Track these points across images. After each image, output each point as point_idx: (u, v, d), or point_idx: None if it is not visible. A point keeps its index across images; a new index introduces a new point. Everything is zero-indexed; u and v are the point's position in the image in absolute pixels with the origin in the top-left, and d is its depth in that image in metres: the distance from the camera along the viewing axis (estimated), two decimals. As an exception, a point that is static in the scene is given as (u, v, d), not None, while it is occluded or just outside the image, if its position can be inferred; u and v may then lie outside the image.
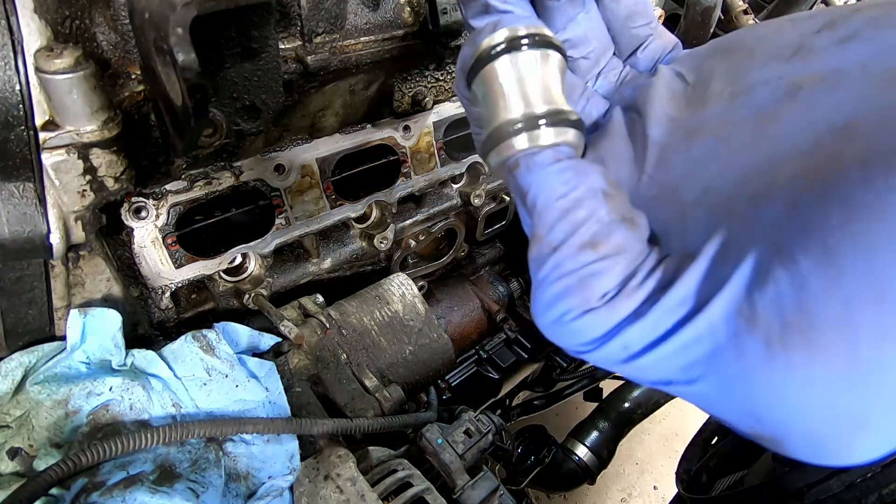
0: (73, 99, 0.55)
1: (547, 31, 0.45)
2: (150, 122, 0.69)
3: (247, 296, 0.93)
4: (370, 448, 0.77)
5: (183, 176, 0.82)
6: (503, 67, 0.44)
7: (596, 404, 1.40)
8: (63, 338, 0.71)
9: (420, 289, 1.17)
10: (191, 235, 0.86)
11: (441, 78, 1.03)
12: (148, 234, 0.81)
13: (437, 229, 1.26)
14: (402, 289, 0.95)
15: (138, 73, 0.64)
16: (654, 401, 1.32)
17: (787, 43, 0.42)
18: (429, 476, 0.77)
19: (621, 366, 0.39)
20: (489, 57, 0.44)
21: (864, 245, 0.30)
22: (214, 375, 0.72)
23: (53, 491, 0.59)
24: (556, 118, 0.43)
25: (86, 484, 0.61)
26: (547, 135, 0.43)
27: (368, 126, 1.01)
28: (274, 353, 0.83)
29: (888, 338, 0.30)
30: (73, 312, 0.69)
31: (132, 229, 0.79)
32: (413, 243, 1.21)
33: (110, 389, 0.68)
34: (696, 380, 0.37)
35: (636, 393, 1.32)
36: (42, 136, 0.57)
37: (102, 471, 0.62)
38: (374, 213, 1.08)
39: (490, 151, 0.45)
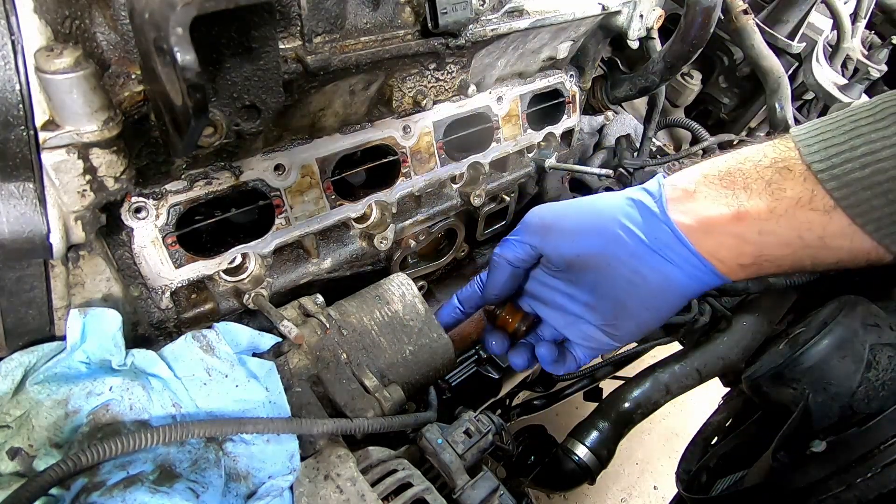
0: (73, 99, 0.55)
1: None
2: (150, 122, 0.69)
3: (247, 296, 0.93)
4: (370, 448, 0.77)
5: (183, 176, 0.82)
6: None
7: (596, 404, 1.39)
8: (63, 338, 0.71)
9: (420, 289, 1.17)
10: (191, 235, 0.86)
11: (441, 78, 1.03)
12: (148, 234, 0.81)
13: (437, 229, 1.26)
14: (402, 289, 0.95)
15: (138, 73, 0.64)
16: (654, 401, 1.32)
17: None
18: (429, 476, 0.77)
19: None
20: None
21: None
22: (214, 375, 0.72)
23: (53, 491, 0.59)
24: None
25: (86, 484, 0.61)
26: None
27: (368, 126, 1.01)
28: (274, 353, 0.83)
29: None
30: (73, 312, 0.69)
31: (132, 229, 0.80)
32: (413, 243, 1.21)
33: (110, 389, 0.68)
34: None
35: (636, 393, 1.32)
36: (42, 136, 0.57)
37: (102, 471, 0.62)
38: (374, 213, 1.08)
39: None
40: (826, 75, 1.68)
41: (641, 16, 1.25)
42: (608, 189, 1.68)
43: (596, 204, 0.76)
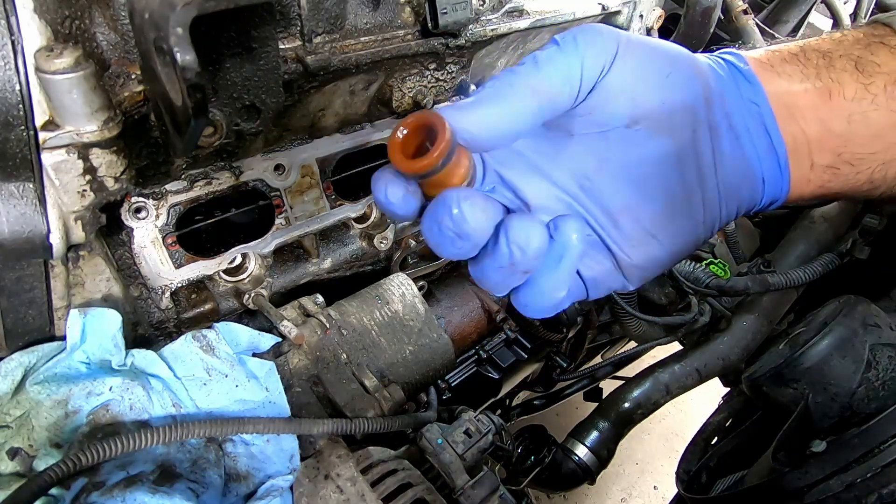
0: (73, 99, 0.55)
1: None
2: (150, 122, 0.69)
3: (247, 296, 0.93)
4: (370, 448, 0.77)
5: (183, 176, 0.82)
6: None
7: (596, 404, 1.39)
8: (63, 338, 0.71)
9: (420, 289, 1.17)
10: (191, 235, 0.86)
11: (441, 78, 1.03)
12: (148, 234, 0.81)
13: (437, 229, 1.25)
14: (402, 289, 0.95)
15: (138, 73, 0.64)
16: (654, 401, 1.32)
17: None
18: (429, 476, 0.77)
19: None
20: None
21: None
22: (214, 375, 0.72)
23: (53, 491, 0.59)
24: None
25: (86, 484, 0.61)
26: None
27: (368, 126, 1.01)
28: (274, 353, 0.83)
29: None
30: (73, 312, 0.69)
31: (132, 229, 0.80)
32: (413, 243, 1.21)
33: (110, 389, 0.68)
34: None
35: (636, 393, 1.32)
36: (42, 136, 0.57)
37: (102, 471, 0.62)
38: (374, 213, 1.08)
39: None
40: (826, 75, 1.68)
41: (641, 16, 1.25)
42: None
43: (683, 49, 0.51)
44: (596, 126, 0.48)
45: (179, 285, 0.86)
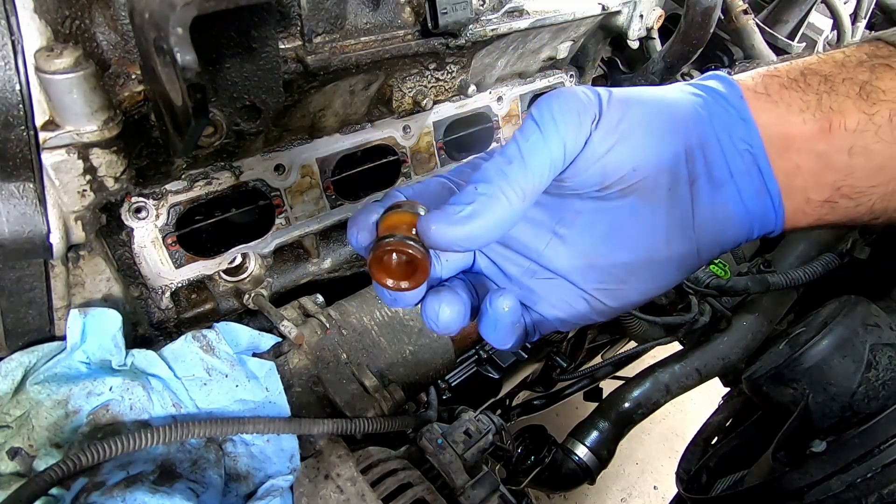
0: (73, 99, 0.55)
1: None
2: (150, 122, 0.69)
3: (247, 296, 0.93)
4: (370, 448, 0.77)
5: (183, 176, 0.82)
6: None
7: (596, 404, 1.39)
8: (63, 338, 0.71)
9: (420, 289, 1.17)
10: (191, 235, 0.86)
11: (441, 78, 1.03)
12: (148, 234, 0.81)
13: (437, 229, 1.25)
14: (402, 289, 0.95)
15: (138, 73, 0.64)
16: (654, 401, 1.32)
17: None
18: (429, 476, 0.77)
19: None
20: None
21: None
22: (214, 375, 0.72)
23: (53, 491, 0.59)
24: None
25: (86, 484, 0.61)
26: None
27: (368, 126, 1.01)
28: (274, 353, 0.83)
29: None
30: (73, 312, 0.69)
31: (132, 229, 0.80)
32: (413, 243, 1.21)
33: (110, 389, 0.68)
34: None
35: (636, 393, 1.32)
36: (42, 136, 0.57)
37: (102, 471, 0.62)
38: (374, 213, 1.08)
39: None
40: (826, 75, 1.68)
41: (641, 16, 1.25)
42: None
43: (666, 97, 0.49)
44: (566, 190, 0.49)
45: (179, 285, 0.86)
